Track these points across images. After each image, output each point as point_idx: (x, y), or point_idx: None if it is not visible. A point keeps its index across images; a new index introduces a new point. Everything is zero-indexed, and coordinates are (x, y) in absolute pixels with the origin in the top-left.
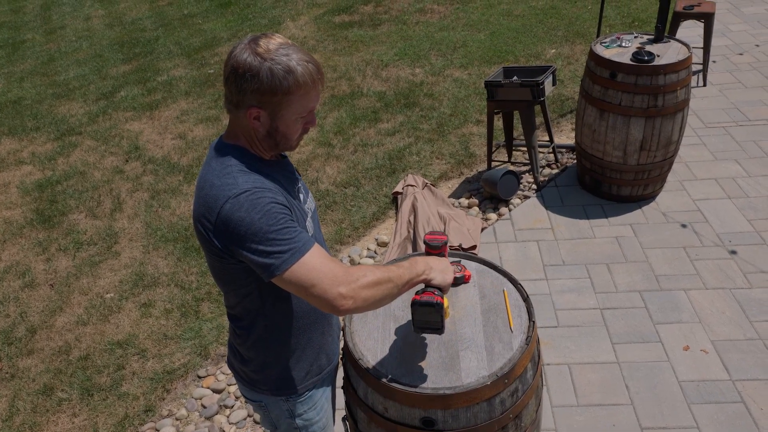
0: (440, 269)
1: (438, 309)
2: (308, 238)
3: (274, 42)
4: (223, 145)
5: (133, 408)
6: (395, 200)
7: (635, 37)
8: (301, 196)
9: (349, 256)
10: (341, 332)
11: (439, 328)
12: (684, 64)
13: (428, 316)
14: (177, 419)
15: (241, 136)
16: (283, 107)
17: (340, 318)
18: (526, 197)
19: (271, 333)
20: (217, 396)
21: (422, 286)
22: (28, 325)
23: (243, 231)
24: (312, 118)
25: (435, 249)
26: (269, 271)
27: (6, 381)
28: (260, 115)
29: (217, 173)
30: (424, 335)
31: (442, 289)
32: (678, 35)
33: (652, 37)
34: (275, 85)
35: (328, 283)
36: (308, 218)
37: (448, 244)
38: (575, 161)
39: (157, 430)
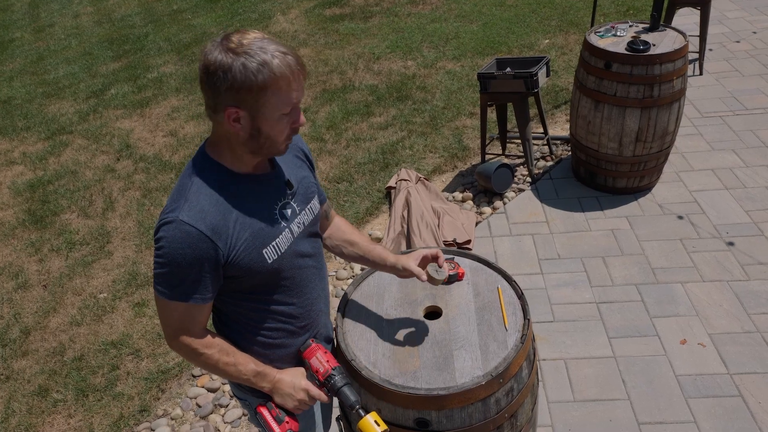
0: (287, 392)
1: None
2: (182, 292)
3: (247, 37)
4: (202, 156)
5: (128, 408)
6: (388, 195)
7: (630, 26)
8: (287, 211)
9: None
10: (334, 339)
11: None
12: (680, 53)
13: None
14: (172, 419)
15: (223, 146)
16: (262, 104)
17: (332, 319)
18: (521, 190)
19: (239, 337)
20: (211, 395)
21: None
22: (22, 326)
23: (156, 247)
24: (298, 116)
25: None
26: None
27: (1, 383)
28: (240, 116)
29: (179, 185)
30: (419, 333)
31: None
32: (674, 23)
33: (648, 25)
34: (250, 79)
35: (165, 329)
36: (284, 235)
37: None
38: (570, 153)
39: (152, 429)
